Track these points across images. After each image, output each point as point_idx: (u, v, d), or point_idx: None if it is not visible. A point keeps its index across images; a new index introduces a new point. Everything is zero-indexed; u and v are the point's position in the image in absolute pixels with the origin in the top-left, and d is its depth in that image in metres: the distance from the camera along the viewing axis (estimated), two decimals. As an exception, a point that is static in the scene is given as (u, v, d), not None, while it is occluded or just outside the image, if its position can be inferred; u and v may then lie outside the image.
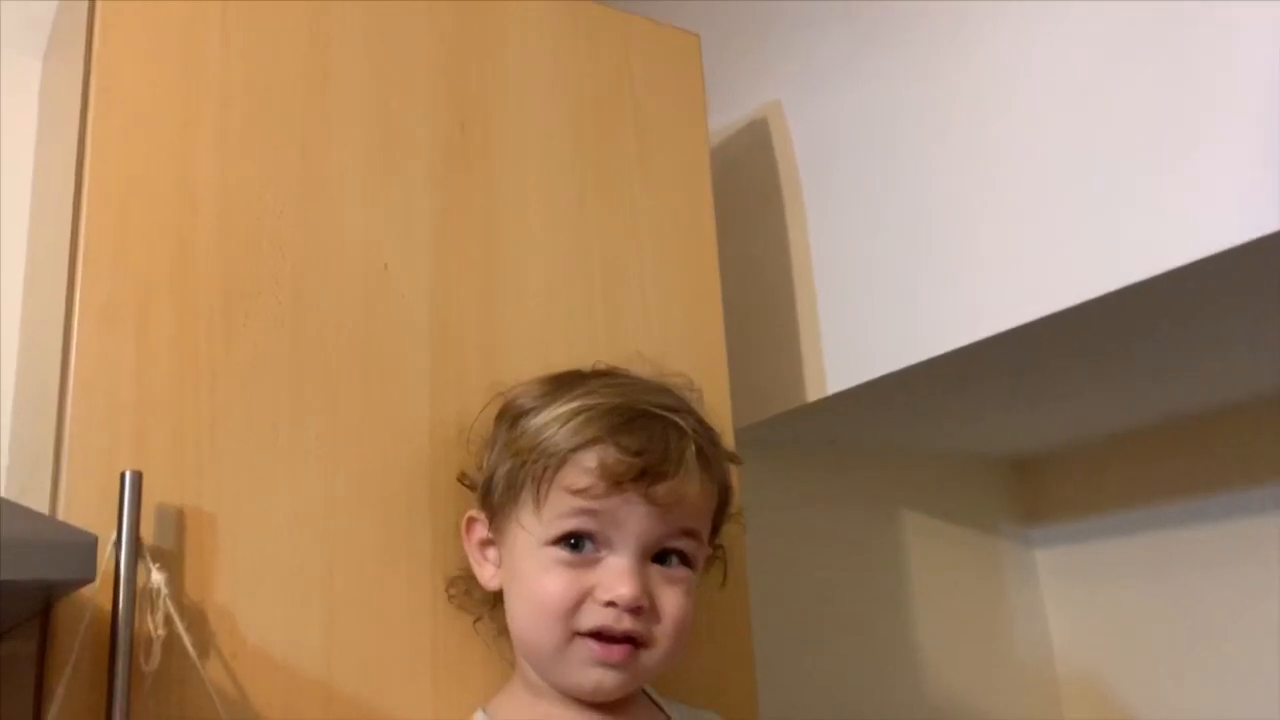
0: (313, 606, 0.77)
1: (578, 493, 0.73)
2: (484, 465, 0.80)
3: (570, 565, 0.73)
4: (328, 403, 0.81)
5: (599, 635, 0.72)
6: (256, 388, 0.79)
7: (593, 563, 0.73)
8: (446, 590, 0.82)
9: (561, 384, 0.79)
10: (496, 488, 0.77)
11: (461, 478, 0.83)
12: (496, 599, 0.80)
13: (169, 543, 0.73)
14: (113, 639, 0.68)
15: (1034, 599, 1.51)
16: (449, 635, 0.82)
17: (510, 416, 0.79)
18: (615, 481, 0.72)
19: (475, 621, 0.82)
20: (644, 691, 0.80)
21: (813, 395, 1.15)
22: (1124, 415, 1.35)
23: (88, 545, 0.56)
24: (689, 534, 0.76)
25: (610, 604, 0.72)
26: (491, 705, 0.79)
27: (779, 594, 1.20)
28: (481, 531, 0.79)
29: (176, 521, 0.74)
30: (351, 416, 0.82)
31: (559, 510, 0.73)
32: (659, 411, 0.76)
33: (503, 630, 0.80)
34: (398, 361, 0.85)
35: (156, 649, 0.69)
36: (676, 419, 0.76)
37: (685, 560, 0.76)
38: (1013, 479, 1.55)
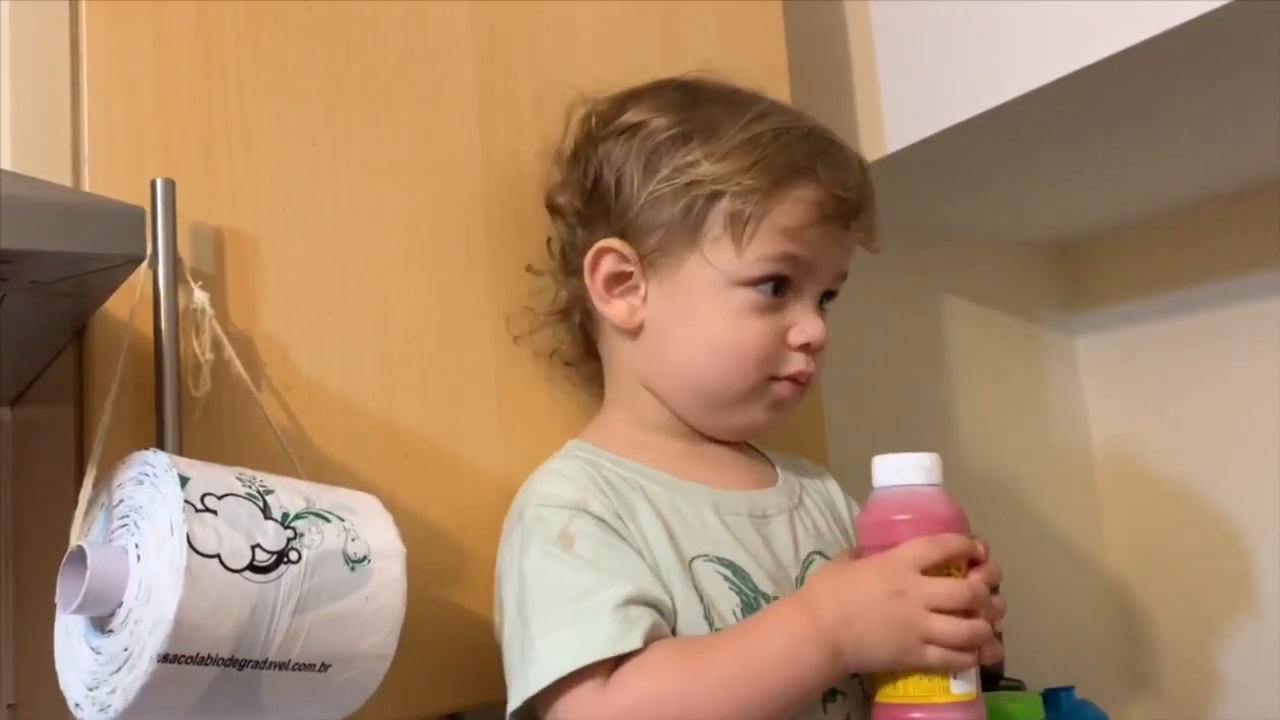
0: (368, 339, 0.71)
1: (791, 233, 0.68)
2: (612, 190, 0.72)
3: (765, 309, 0.69)
4: (370, 122, 0.73)
5: (793, 379, 0.70)
6: (290, 100, 0.71)
7: (783, 304, 0.69)
8: (510, 327, 0.76)
9: (701, 99, 0.72)
10: (657, 219, 0.70)
11: (553, 203, 0.76)
12: (586, 349, 0.76)
13: (208, 265, 0.66)
14: (157, 364, 0.62)
15: (1073, 383, 1.48)
16: (514, 370, 0.76)
17: (661, 138, 0.70)
18: (826, 220, 0.68)
19: (551, 355, 0.77)
20: None
21: (871, 154, 1.08)
22: (1165, 196, 1.29)
23: (135, 218, 0.49)
24: (845, 275, 0.73)
25: (804, 347, 0.70)
26: (589, 432, 0.74)
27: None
28: (616, 265, 0.72)
29: (214, 241, 0.67)
30: (398, 138, 0.74)
31: (768, 250, 0.68)
32: (837, 138, 0.72)
33: (590, 367, 0.75)
34: (441, 78, 0.77)
35: (206, 374, 0.63)
36: (849, 147, 0.72)
37: (834, 298, 0.73)
38: (1054, 264, 1.50)
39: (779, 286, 0.69)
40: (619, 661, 0.60)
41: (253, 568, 0.50)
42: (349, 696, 0.55)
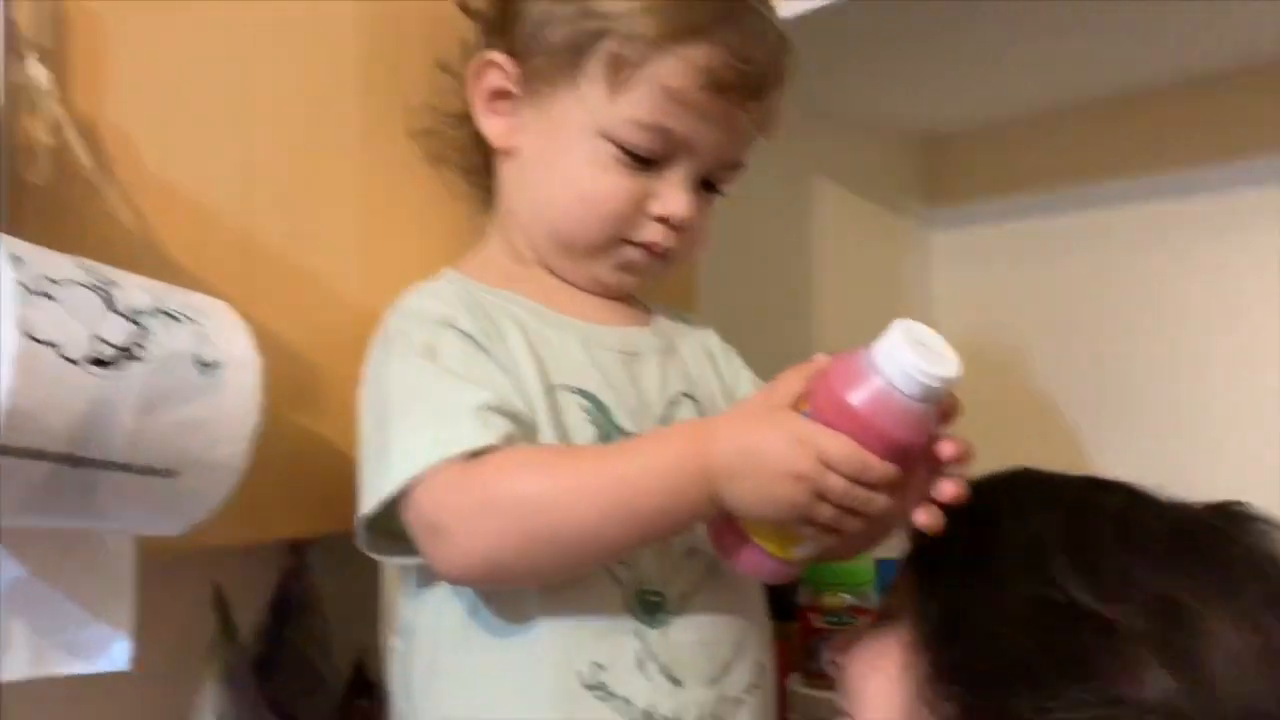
0: (226, 141, 0.67)
1: (672, 94, 0.63)
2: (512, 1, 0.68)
3: (631, 169, 0.65)
4: (239, -96, 0.67)
5: (646, 247, 0.67)
6: None
7: (652, 171, 0.66)
8: (410, 130, 0.73)
9: None
10: (545, 43, 0.66)
11: (464, 3, 0.72)
12: (485, 160, 0.72)
13: (46, 39, 0.60)
14: (-14, 142, 0.56)
15: (924, 275, 1.53)
16: (381, 194, 0.73)
17: None
18: (717, 90, 0.64)
19: (437, 164, 0.75)
20: None
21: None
22: (1032, 97, 1.32)
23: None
24: (738, 165, 0.70)
25: (662, 219, 0.66)
26: (463, 263, 0.72)
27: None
28: (499, 80, 0.68)
29: (53, 16, 0.60)
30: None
31: (643, 108, 0.64)
32: (758, 5, 0.67)
33: (480, 191, 0.72)
34: None
35: (44, 159, 0.57)
36: (774, 19, 0.67)
37: (718, 190, 0.70)
38: (919, 156, 1.52)
39: (647, 160, 0.65)
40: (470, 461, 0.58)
41: (95, 360, 0.46)
42: (194, 507, 0.53)
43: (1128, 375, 1.27)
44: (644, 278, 0.71)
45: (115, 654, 0.57)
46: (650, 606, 0.64)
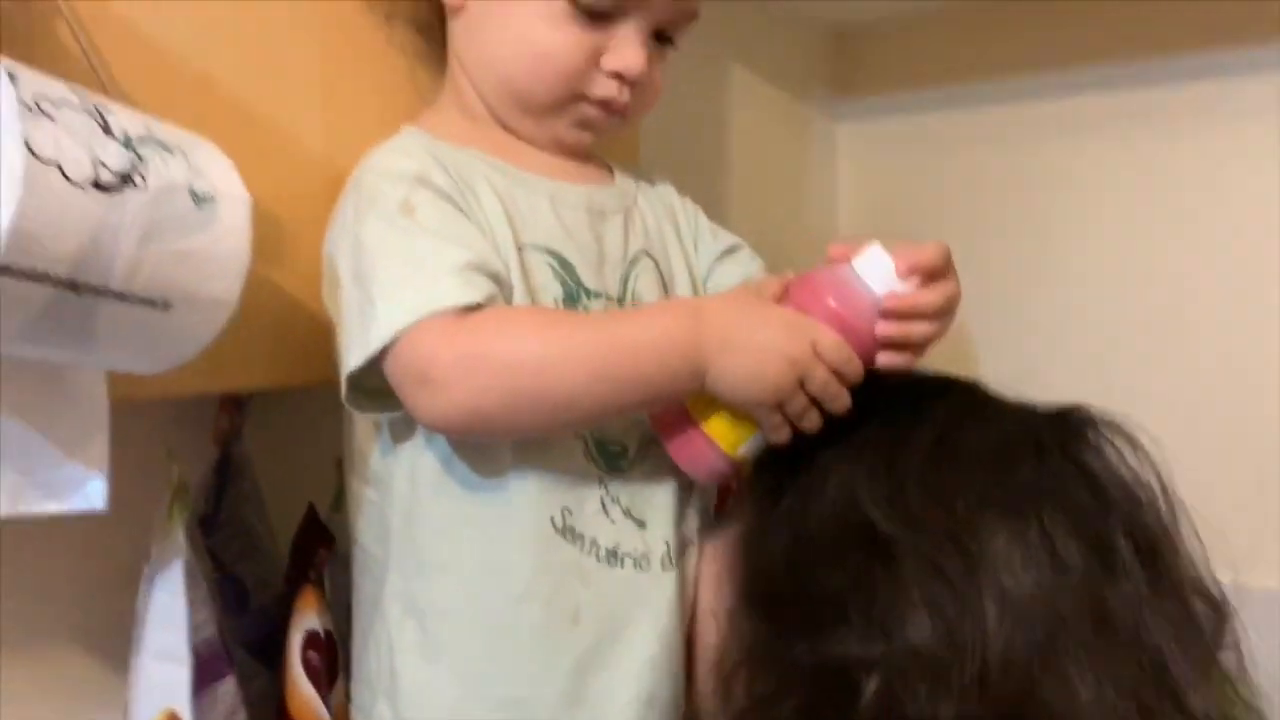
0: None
1: None
2: None
3: (583, 24, 0.65)
4: None
5: (602, 104, 0.68)
6: None
7: (605, 25, 0.66)
8: None
9: None
10: None
11: None
12: (438, 15, 0.72)
13: None
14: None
15: (830, 168, 1.57)
16: (342, 50, 0.72)
17: None
18: None
19: (388, 19, 0.74)
20: None
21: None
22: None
23: None
24: (692, 16, 0.70)
25: (616, 75, 0.67)
26: (423, 121, 0.71)
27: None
28: None
29: None
30: None
31: None
32: None
33: (433, 47, 0.72)
34: None
35: (1, -19, 0.55)
36: None
37: (672, 43, 0.71)
38: (829, 48, 1.55)
39: (597, 13, 0.66)
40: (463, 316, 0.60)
41: (96, 184, 0.46)
42: (184, 343, 0.53)
43: (1019, 273, 1.35)
44: (600, 134, 0.72)
45: (90, 493, 0.57)
46: (612, 456, 0.67)
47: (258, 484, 0.89)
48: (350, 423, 0.69)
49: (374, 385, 0.64)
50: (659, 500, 0.68)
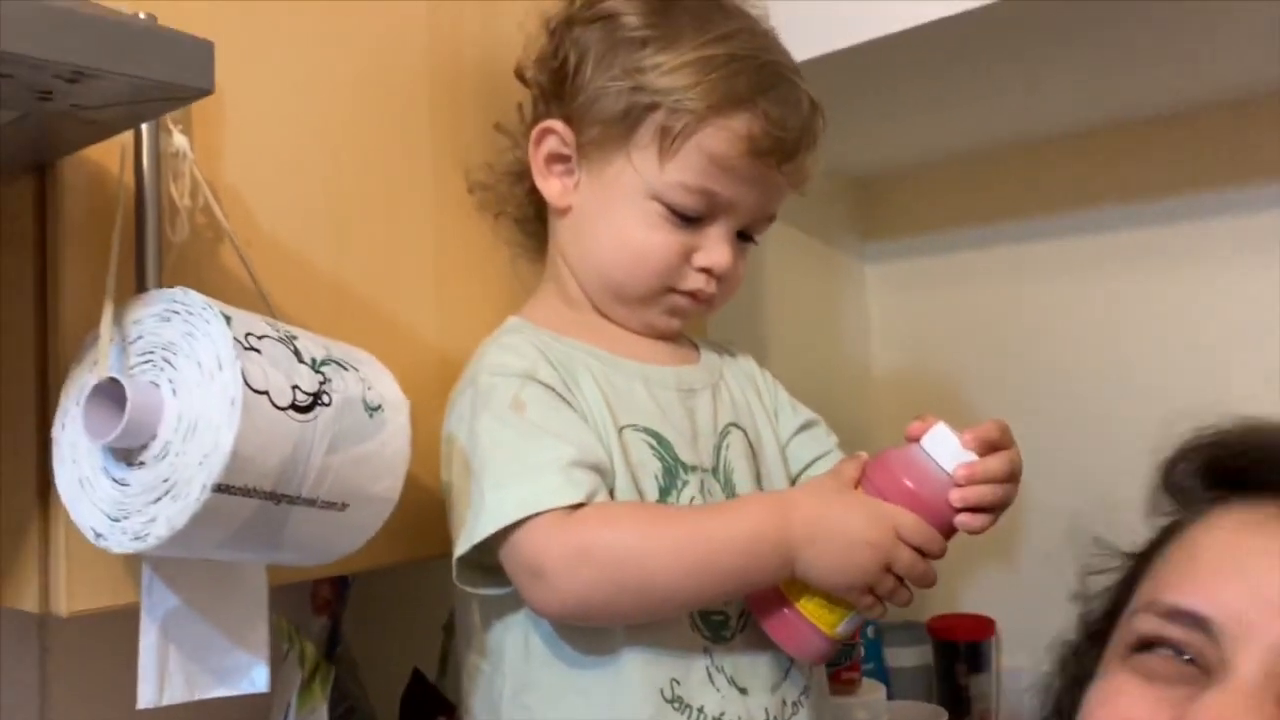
0: (319, 197, 0.72)
1: (716, 160, 0.71)
2: (569, 74, 0.74)
3: (678, 227, 0.73)
4: (326, -14, 0.73)
5: (692, 295, 0.75)
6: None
7: (696, 227, 0.73)
8: (469, 184, 0.79)
9: (677, 5, 0.74)
10: (600, 113, 0.73)
11: (522, 73, 0.78)
12: (536, 211, 0.78)
13: (176, 112, 0.64)
14: (138, 207, 0.60)
15: (861, 308, 1.64)
16: (453, 242, 0.79)
17: (624, 35, 0.73)
18: (756, 155, 0.71)
19: (496, 216, 0.81)
20: None
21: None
22: (958, 140, 1.45)
23: (206, 50, 0.48)
24: (772, 218, 0.78)
25: (706, 270, 0.74)
26: (527, 311, 0.78)
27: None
28: (557, 146, 0.75)
29: (182, 86, 0.65)
30: (350, 6, 0.74)
31: (690, 173, 0.71)
32: (793, 76, 0.74)
33: (531, 240, 0.79)
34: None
35: (184, 219, 0.62)
36: (806, 87, 0.74)
37: (753, 239, 0.78)
38: (855, 196, 1.64)
39: (692, 218, 0.72)
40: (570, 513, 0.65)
41: (294, 407, 0.52)
42: (355, 537, 0.58)
43: (1050, 395, 1.41)
44: (688, 320, 0.79)
45: (255, 677, 0.62)
46: (715, 626, 0.71)
47: (351, 649, 0.93)
48: (463, 595, 0.73)
49: (484, 563, 0.69)
50: (760, 668, 0.72)
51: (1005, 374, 1.45)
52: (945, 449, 0.68)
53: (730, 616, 0.72)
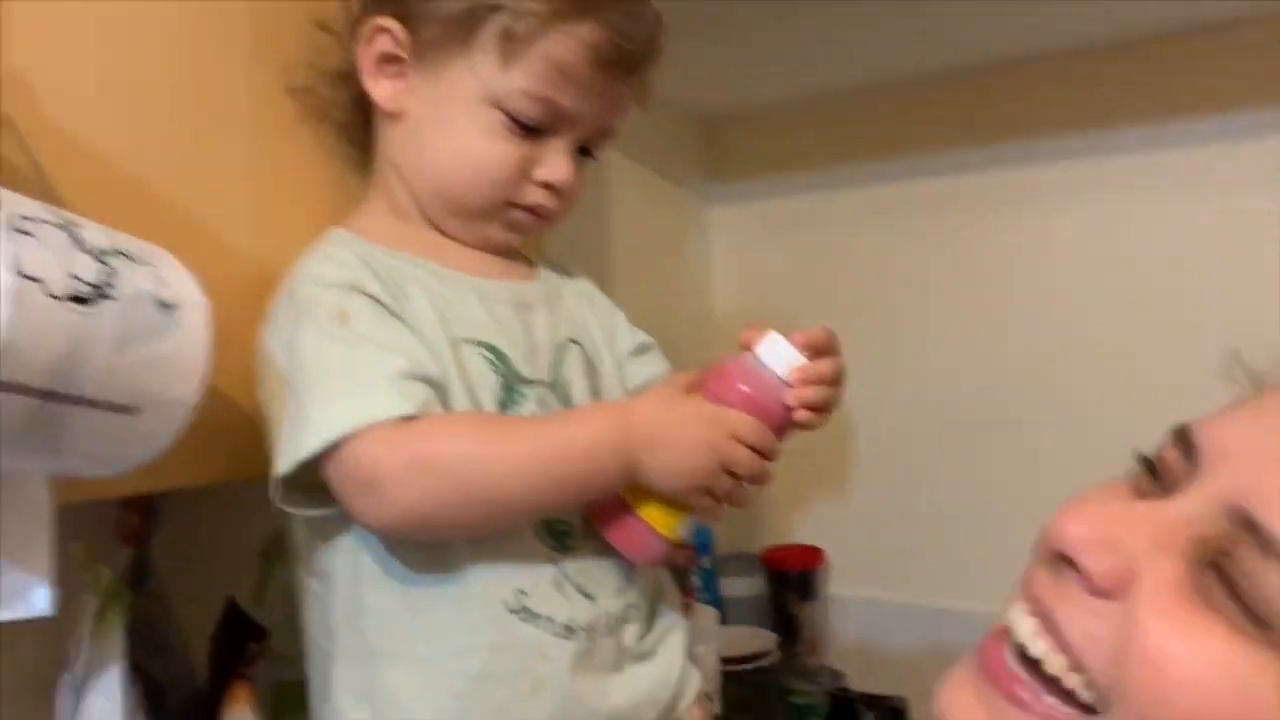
0: (117, 88, 0.66)
1: (561, 68, 0.68)
2: None
3: (518, 137, 0.70)
4: None
5: (531, 209, 0.73)
6: None
7: (536, 139, 0.71)
8: (288, 87, 0.74)
9: None
10: (438, 13, 0.69)
11: None
12: (363, 118, 0.75)
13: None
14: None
15: (705, 249, 1.65)
16: (270, 149, 0.74)
17: None
18: (600, 65, 0.69)
19: (319, 122, 0.77)
20: None
21: None
22: (808, 82, 1.46)
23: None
24: (612, 133, 0.76)
25: (546, 185, 0.72)
26: (353, 222, 0.74)
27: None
28: (389, 46, 0.71)
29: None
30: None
31: (533, 81, 0.69)
32: None
33: (357, 149, 0.75)
34: None
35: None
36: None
37: (593, 155, 0.76)
38: (700, 137, 1.64)
39: (533, 129, 0.70)
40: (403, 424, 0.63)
41: (73, 298, 0.47)
42: (147, 445, 0.54)
43: (886, 337, 1.45)
44: (527, 236, 0.77)
45: (36, 600, 0.57)
46: (560, 535, 0.70)
47: (163, 582, 0.88)
48: (290, 518, 0.70)
49: (307, 483, 0.65)
50: (606, 574, 0.72)
51: (844, 317, 1.47)
52: (778, 355, 0.70)
53: (574, 525, 0.71)
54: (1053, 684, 0.43)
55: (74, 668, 0.68)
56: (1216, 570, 0.40)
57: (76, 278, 0.48)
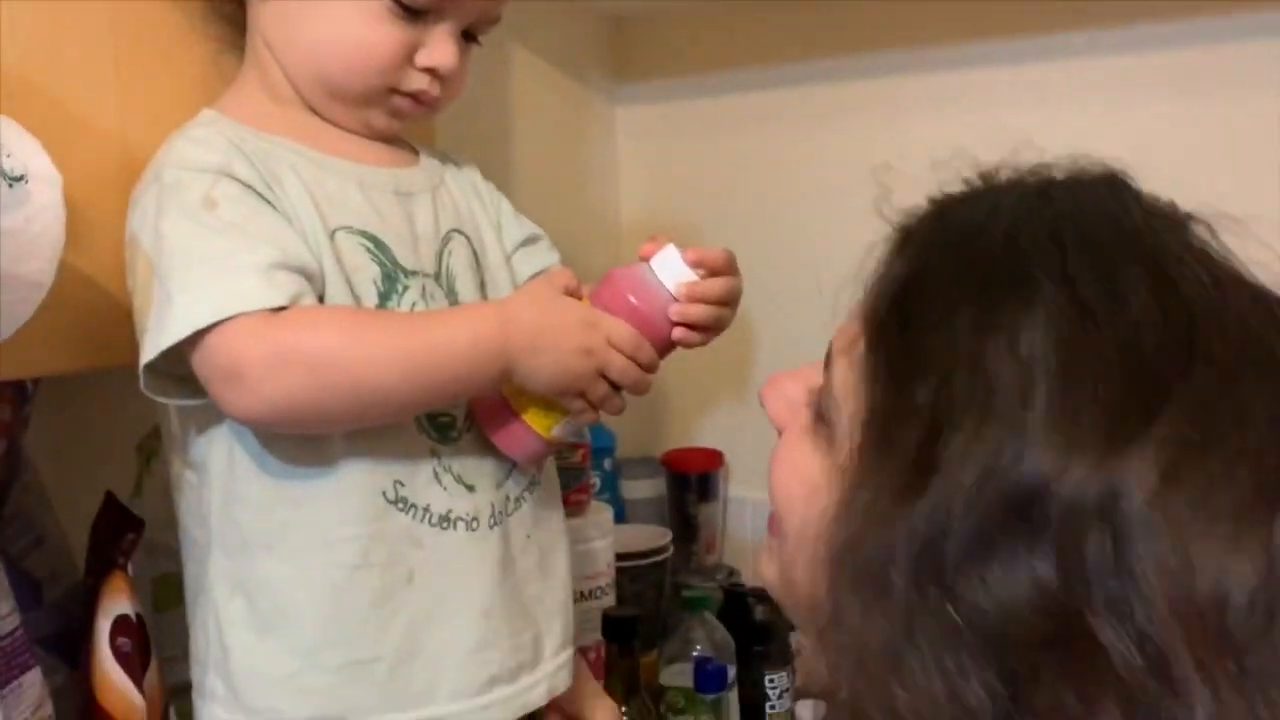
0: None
1: None
2: None
3: (401, 21, 0.67)
4: None
5: (414, 96, 0.71)
6: None
7: (420, 23, 0.68)
8: None
9: None
10: None
11: None
12: None
13: None
14: None
15: (611, 151, 1.63)
16: (134, 26, 0.71)
17: None
18: None
19: None
20: None
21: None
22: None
23: None
24: (497, 19, 0.74)
25: (429, 70, 0.70)
26: (224, 104, 0.71)
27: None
28: None
29: None
30: None
31: None
32: None
33: (228, 26, 0.71)
34: None
35: None
36: None
37: (477, 40, 0.74)
38: (606, 35, 1.61)
39: (415, 11, 0.68)
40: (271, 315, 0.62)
41: (-96, 164, 0.45)
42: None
43: (786, 247, 1.45)
44: (408, 122, 0.75)
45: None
46: (442, 427, 0.70)
47: (39, 474, 0.86)
48: (164, 407, 0.68)
49: (177, 373, 0.64)
50: (487, 465, 0.72)
51: (750, 223, 1.49)
52: (670, 269, 0.71)
53: (457, 418, 0.71)
54: None
55: (-61, 558, 0.67)
56: (819, 404, 0.53)
57: (-93, 143, 0.45)
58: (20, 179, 0.50)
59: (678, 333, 0.71)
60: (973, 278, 0.46)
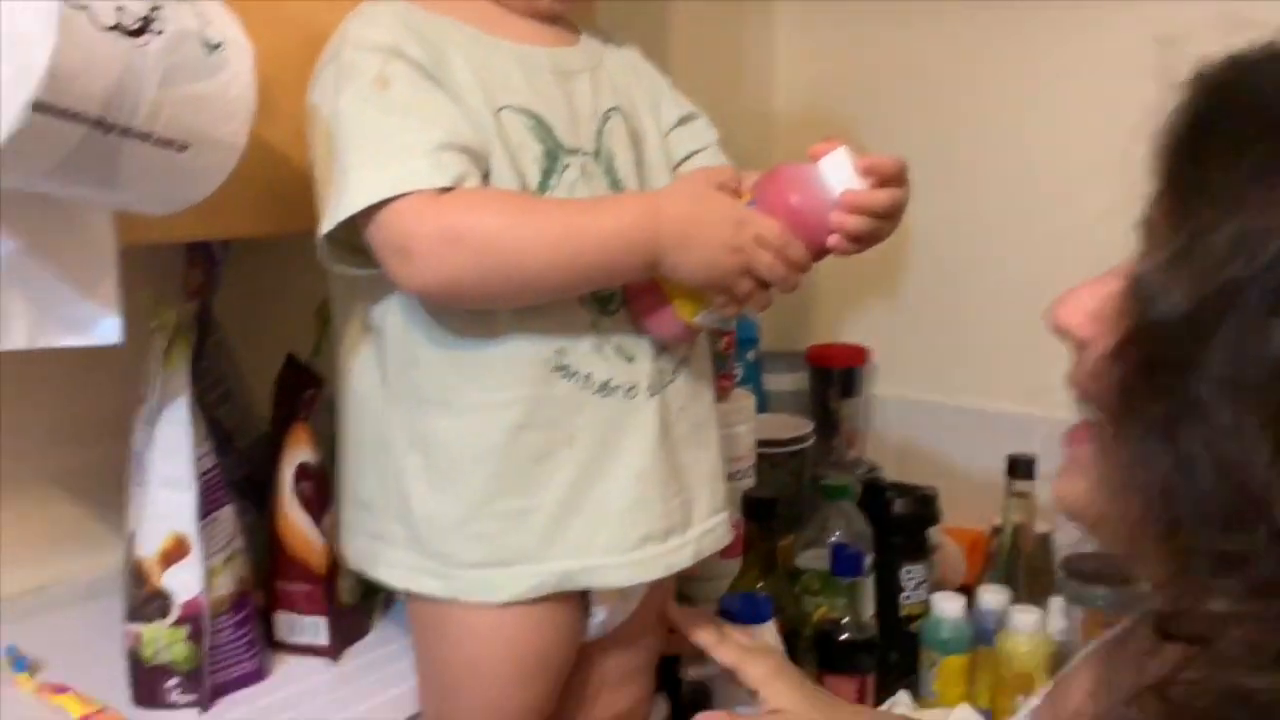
0: None
1: None
2: None
3: None
4: None
5: None
6: None
7: None
8: None
9: None
10: None
11: None
12: None
13: None
14: None
15: (769, 44, 1.60)
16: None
17: None
18: None
19: None
20: None
21: None
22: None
23: None
24: None
25: None
26: None
27: None
28: None
29: None
30: None
31: None
32: None
33: None
34: None
35: None
36: None
37: None
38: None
39: None
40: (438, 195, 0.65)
41: (121, 29, 0.49)
42: (198, 184, 0.57)
43: (950, 144, 1.41)
44: (574, 4, 0.76)
45: (106, 328, 0.62)
46: (602, 300, 0.73)
47: (227, 334, 0.93)
48: (342, 275, 0.73)
49: (353, 243, 0.68)
50: (644, 338, 0.75)
51: (909, 121, 1.44)
52: (839, 174, 0.70)
53: (616, 293, 0.74)
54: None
55: (148, 399, 0.74)
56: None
57: (122, 9, 0.49)
58: (218, 46, 0.54)
59: (833, 239, 0.71)
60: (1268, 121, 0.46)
